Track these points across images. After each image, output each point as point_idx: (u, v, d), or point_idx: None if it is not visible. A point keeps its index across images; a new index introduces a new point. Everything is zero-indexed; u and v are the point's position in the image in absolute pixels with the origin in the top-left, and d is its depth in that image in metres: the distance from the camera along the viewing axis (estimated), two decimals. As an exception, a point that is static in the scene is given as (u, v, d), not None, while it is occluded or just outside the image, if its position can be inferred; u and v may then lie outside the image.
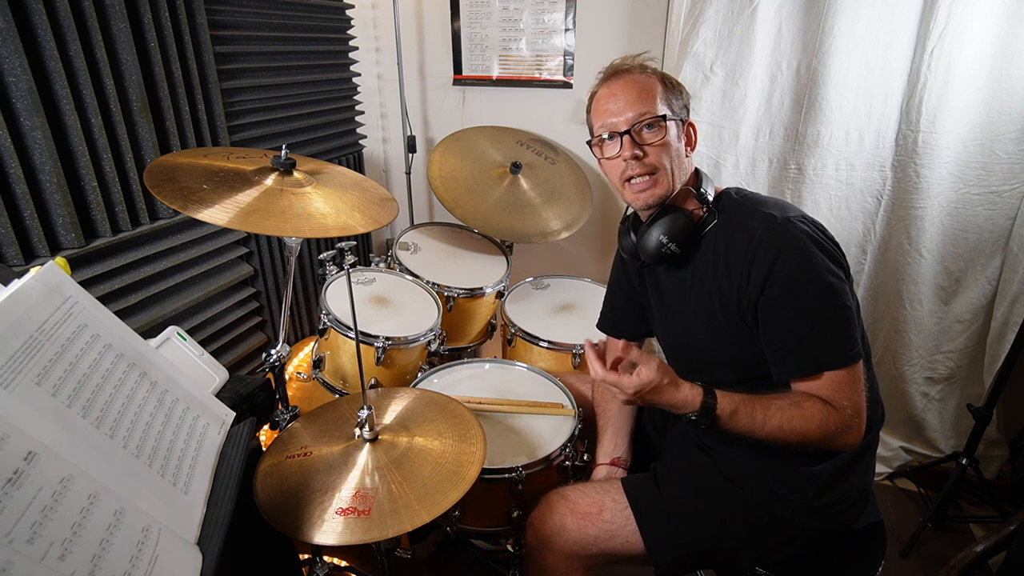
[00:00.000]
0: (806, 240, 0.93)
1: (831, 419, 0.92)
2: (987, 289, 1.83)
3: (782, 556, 1.06)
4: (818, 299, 0.92)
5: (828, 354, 0.93)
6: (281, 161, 1.16)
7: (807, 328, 0.93)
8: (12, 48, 1.03)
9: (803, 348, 0.94)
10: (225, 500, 0.73)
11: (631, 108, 1.00)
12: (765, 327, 0.97)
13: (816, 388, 0.94)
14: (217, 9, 1.53)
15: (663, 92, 1.03)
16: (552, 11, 2.05)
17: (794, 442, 0.94)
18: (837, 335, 0.92)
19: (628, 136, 1.00)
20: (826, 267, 0.92)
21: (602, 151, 1.06)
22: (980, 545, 1.10)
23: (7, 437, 0.50)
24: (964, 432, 1.88)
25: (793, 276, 0.92)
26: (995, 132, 1.67)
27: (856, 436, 0.94)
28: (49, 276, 0.65)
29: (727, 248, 1.00)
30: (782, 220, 0.95)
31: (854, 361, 0.92)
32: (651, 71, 1.06)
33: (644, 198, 1.04)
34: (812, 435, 0.92)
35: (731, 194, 1.07)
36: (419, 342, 1.51)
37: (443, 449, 0.98)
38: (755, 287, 0.95)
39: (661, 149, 1.01)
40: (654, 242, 1.04)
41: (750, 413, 0.94)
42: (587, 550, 1.05)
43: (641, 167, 1.01)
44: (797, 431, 0.93)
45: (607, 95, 1.04)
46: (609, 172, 1.07)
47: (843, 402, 0.92)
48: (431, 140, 2.37)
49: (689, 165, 1.08)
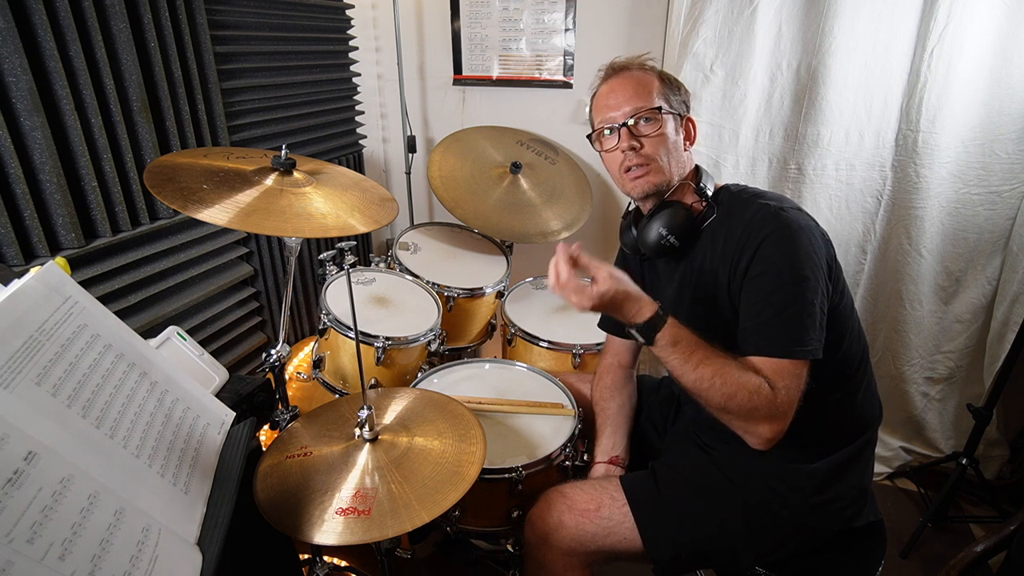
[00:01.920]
0: (796, 228, 0.94)
1: (763, 394, 0.90)
2: (987, 289, 1.83)
3: (781, 555, 1.06)
4: (789, 288, 0.92)
5: (776, 341, 0.93)
6: (281, 161, 1.16)
7: (770, 314, 0.93)
8: (12, 48, 1.03)
9: (760, 331, 0.94)
10: (225, 500, 0.73)
11: (629, 103, 1.05)
12: (741, 307, 0.98)
13: (761, 367, 0.93)
14: (217, 9, 1.53)
15: (660, 87, 1.07)
16: (552, 11, 2.05)
17: (716, 401, 0.92)
18: (794, 327, 0.92)
19: (625, 128, 1.05)
20: (807, 260, 0.93)
21: (602, 144, 1.11)
22: (980, 545, 1.11)
23: (7, 437, 0.50)
24: (964, 432, 1.88)
25: (774, 259, 0.94)
26: (995, 132, 1.68)
27: (776, 431, 0.92)
28: (49, 276, 0.65)
29: (725, 238, 1.02)
30: (776, 208, 0.98)
31: (802, 356, 0.92)
32: (649, 68, 1.10)
33: (640, 185, 1.07)
34: (737, 399, 0.90)
35: (730, 188, 1.09)
36: (419, 342, 1.51)
37: (443, 449, 0.98)
38: (742, 268, 0.97)
39: (657, 140, 1.05)
40: (654, 235, 1.07)
41: (689, 352, 0.93)
42: (585, 547, 1.06)
43: (638, 157, 1.05)
44: (727, 387, 0.91)
45: (607, 91, 1.10)
46: (609, 164, 1.12)
47: (780, 385, 0.91)
48: (431, 140, 2.37)
49: (688, 159, 1.11)
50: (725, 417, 0.95)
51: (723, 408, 0.93)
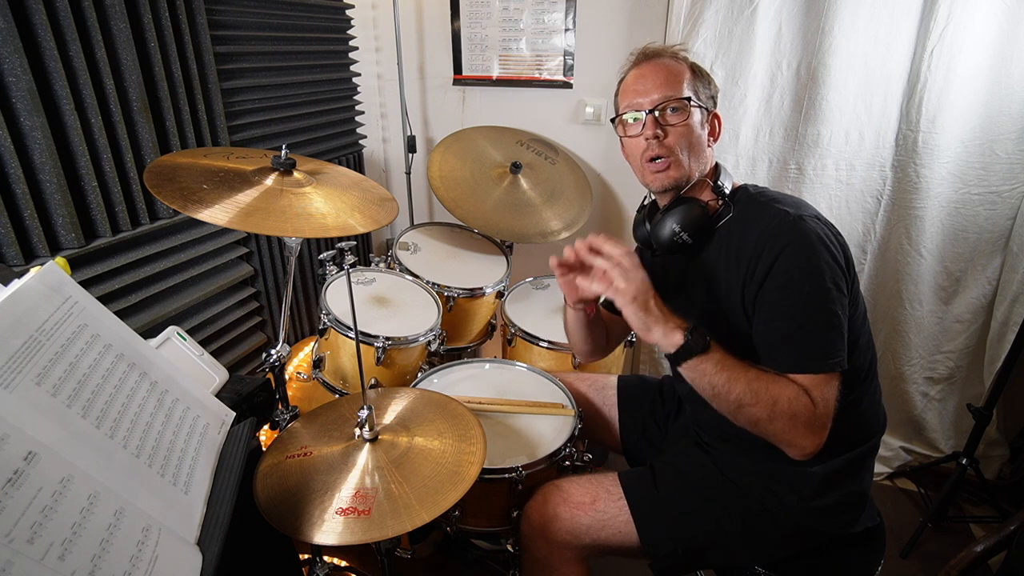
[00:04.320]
0: (815, 240, 0.92)
1: (803, 401, 0.89)
2: (987, 289, 1.83)
3: (781, 556, 1.06)
4: (812, 301, 0.91)
5: (809, 357, 0.92)
6: (281, 161, 1.16)
7: (794, 328, 0.92)
8: (12, 48, 1.03)
9: (787, 347, 0.93)
10: (225, 500, 0.73)
11: (658, 90, 1.01)
12: (757, 319, 0.97)
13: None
14: (217, 9, 1.53)
15: (691, 79, 1.04)
16: (552, 11, 2.05)
17: (764, 406, 0.89)
18: (822, 341, 0.91)
19: (651, 116, 1.01)
20: (828, 271, 0.91)
21: (625, 130, 1.07)
22: (980, 545, 1.10)
23: (7, 437, 0.50)
24: (964, 432, 1.88)
25: (793, 273, 0.92)
26: (995, 132, 1.67)
27: (816, 442, 0.91)
28: (49, 276, 0.65)
29: (739, 241, 1.00)
30: (795, 217, 0.95)
31: (832, 369, 0.91)
32: (682, 58, 1.06)
33: (660, 179, 1.04)
34: (782, 403, 0.89)
35: (748, 189, 1.07)
36: (419, 342, 1.51)
37: (443, 449, 0.98)
38: (758, 278, 0.95)
39: (682, 132, 1.01)
40: (667, 231, 1.04)
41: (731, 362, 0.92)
42: (580, 540, 1.06)
43: (661, 148, 1.02)
44: (771, 391, 0.89)
45: (636, 76, 1.05)
46: (630, 151, 1.08)
47: (817, 396, 0.91)
48: (431, 140, 2.37)
49: (710, 156, 1.07)
50: (767, 428, 0.91)
51: (768, 416, 0.90)
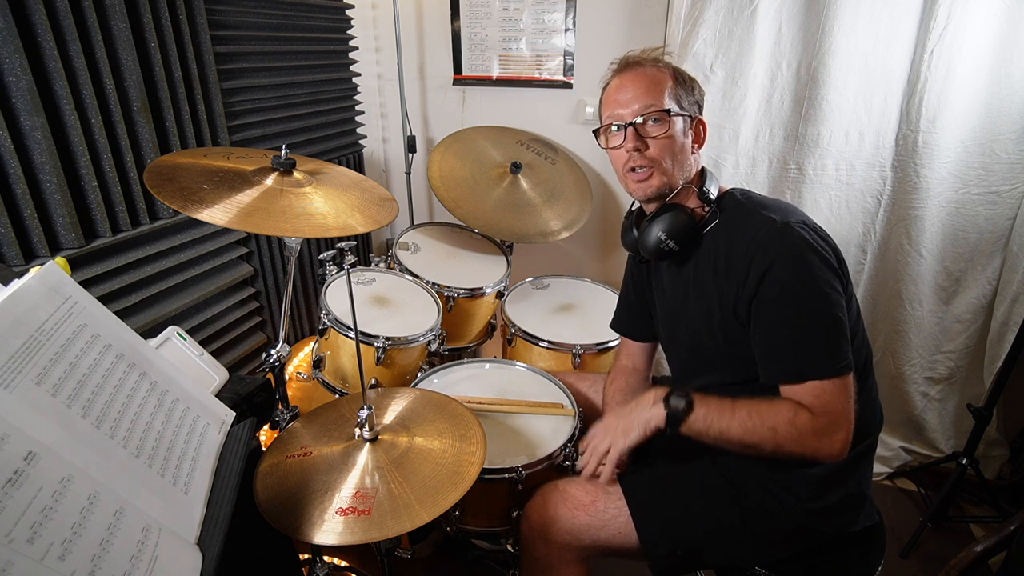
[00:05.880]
0: (804, 246, 0.92)
1: (801, 419, 0.90)
2: (987, 289, 1.83)
3: (781, 556, 1.06)
4: (810, 307, 0.91)
5: (813, 363, 0.92)
6: (281, 161, 1.16)
7: (795, 335, 0.92)
8: (12, 48, 1.03)
9: (789, 355, 0.93)
10: (225, 500, 0.73)
11: (638, 100, 1.01)
12: (755, 328, 0.97)
13: (799, 394, 0.93)
14: (217, 9, 1.53)
15: (673, 87, 1.03)
16: (552, 11, 2.05)
17: (766, 437, 0.92)
18: (825, 345, 0.91)
19: (632, 128, 1.01)
20: (822, 275, 0.91)
21: (607, 141, 1.07)
22: (980, 545, 1.10)
23: (7, 437, 0.50)
24: (964, 432, 1.88)
25: (787, 281, 0.92)
26: (995, 132, 1.67)
27: (837, 445, 0.91)
28: (49, 276, 0.65)
29: (727, 248, 1.00)
30: (783, 224, 0.95)
31: (840, 373, 0.91)
32: (664, 65, 1.06)
33: (643, 188, 1.05)
34: (781, 430, 0.91)
35: (735, 194, 1.06)
36: (419, 342, 1.51)
37: (443, 449, 0.98)
38: (750, 288, 0.95)
39: (664, 143, 1.01)
40: (653, 238, 1.05)
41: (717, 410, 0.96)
42: (579, 540, 1.06)
43: (642, 159, 1.02)
44: (766, 423, 0.92)
45: (617, 86, 1.06)
46: (614, 162, 1.09)
47: (821, 409, 0.90)
48: (431, 140, 2.37)
49: (694, 162, 1.08)
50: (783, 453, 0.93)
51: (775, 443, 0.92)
